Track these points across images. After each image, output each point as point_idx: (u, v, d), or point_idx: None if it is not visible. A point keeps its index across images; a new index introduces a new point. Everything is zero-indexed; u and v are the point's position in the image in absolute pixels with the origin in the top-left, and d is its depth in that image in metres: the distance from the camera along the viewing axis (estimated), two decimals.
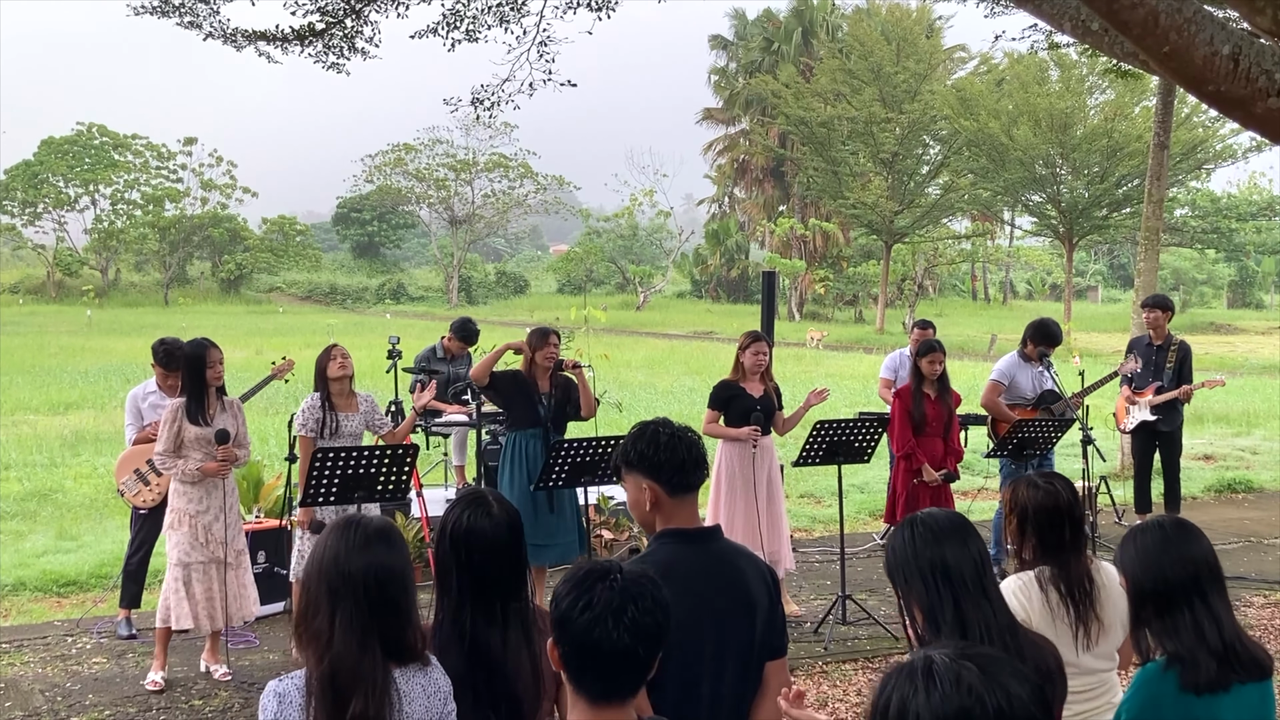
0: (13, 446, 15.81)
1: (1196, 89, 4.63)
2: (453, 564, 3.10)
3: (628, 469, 3.27)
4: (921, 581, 2.89)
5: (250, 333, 39.29)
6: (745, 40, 66.98)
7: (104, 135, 67.49)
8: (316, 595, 2.77)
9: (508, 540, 3.13)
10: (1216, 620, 3.03)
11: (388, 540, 2.86)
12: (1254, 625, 8.13)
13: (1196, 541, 3.14)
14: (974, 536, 2.97)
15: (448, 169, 68.49)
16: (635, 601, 2.33)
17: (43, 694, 6.78)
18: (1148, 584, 3.09)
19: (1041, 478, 3.78)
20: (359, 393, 7.59)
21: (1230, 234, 56.16)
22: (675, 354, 34.27)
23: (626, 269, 68.52)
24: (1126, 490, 11.86)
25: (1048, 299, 74.09)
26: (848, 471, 8.91)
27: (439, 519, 3.27)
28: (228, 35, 10.21)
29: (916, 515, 3.02)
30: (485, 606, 3.08)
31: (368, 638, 2.74)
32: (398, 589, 2.82)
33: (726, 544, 3.32)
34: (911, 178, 48.05)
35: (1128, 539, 3.22)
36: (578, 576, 2.40)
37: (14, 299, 61.15)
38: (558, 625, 2.36)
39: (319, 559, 2.80)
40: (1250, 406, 21.38)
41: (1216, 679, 2.98)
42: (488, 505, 3.15)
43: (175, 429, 6.78)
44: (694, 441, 3.26)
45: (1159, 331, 10.53)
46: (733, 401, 8.16)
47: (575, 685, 2.37)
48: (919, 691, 1.80)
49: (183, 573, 6.84)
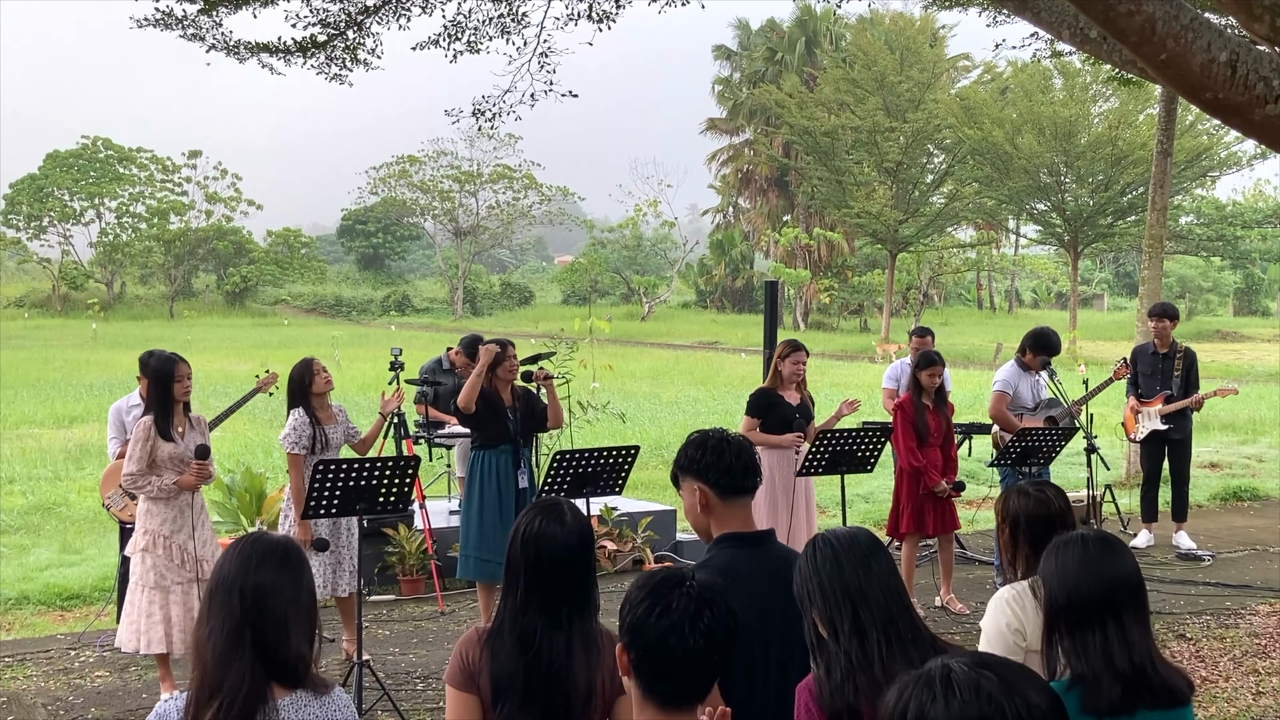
0: (17, 460, 15.83)
1: (1194, 96, 4.62)
2: (521, 566, 3.10)
3: (681, 474, 3.38)
4: (821, 594, 2.90)
5: (255, 345, 39.34)
6: (749, 50, 67.00)
7: (109, 148, 67.58)
8: (205, 608, 2.77)
9: (577, 549, 3.13)
10: (1128, 642, 2.92)
11: (281, 559, 2.83)
12: (1259, 634, 8.09)
13: (1119, 559, 3.03)
14: (876, 549, 2.98)
15: (452, 180, 68.53)
16: (710, 608, 2.37)
17: (45, 708, 6.78)
18: (1061, 599, 3.01)
19: (1033, 486, 3.77)
20: (332, 404, 7.63)
21: (1235, 241, 56.00)
22: (680, 364, 34.25)
23: (631, 279, 68.52)
24: (1131, 499, 11.83)
25: (1053, 307, 74.01)
26: (852, 481, 8.91)
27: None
28: (231, 47, 10.22)
29: (817, 535, 3.04)
30: (551, 612, 3.08)
31: (237, 647, 2.69)
32: (281, 604, 2.77)
33: (781, 547, 3.43)
34: (916, 187, 48.02)
35: (1050, 551, 3.13)
36: (653, 584, 2.43)
37: (19, 313, 61.23)
38: (631, 631, 2.38)
39: (215, 573, 2.81)
40: (1256, 414, 21.33)
41: (1120, 703, 2.88)
42: (561, 512, 3.16)
43: (148, 447, 6.64)
44: (744, 448, 3.34)
45: (1164, 340, 10.52)
46: (771, 409, 8.23)
47: (646, 691, 2.39)
48: (937, 700, 1.79)
49: (160, 595, 6.69)
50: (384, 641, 8.04)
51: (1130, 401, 10.78)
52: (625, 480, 7.69)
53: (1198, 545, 10.61)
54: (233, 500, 10.33)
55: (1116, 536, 3.18)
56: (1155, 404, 10.48)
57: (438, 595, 8.93)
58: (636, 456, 7.66)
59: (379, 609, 8.75)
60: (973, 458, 12.24)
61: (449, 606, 8.86)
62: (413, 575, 9.16)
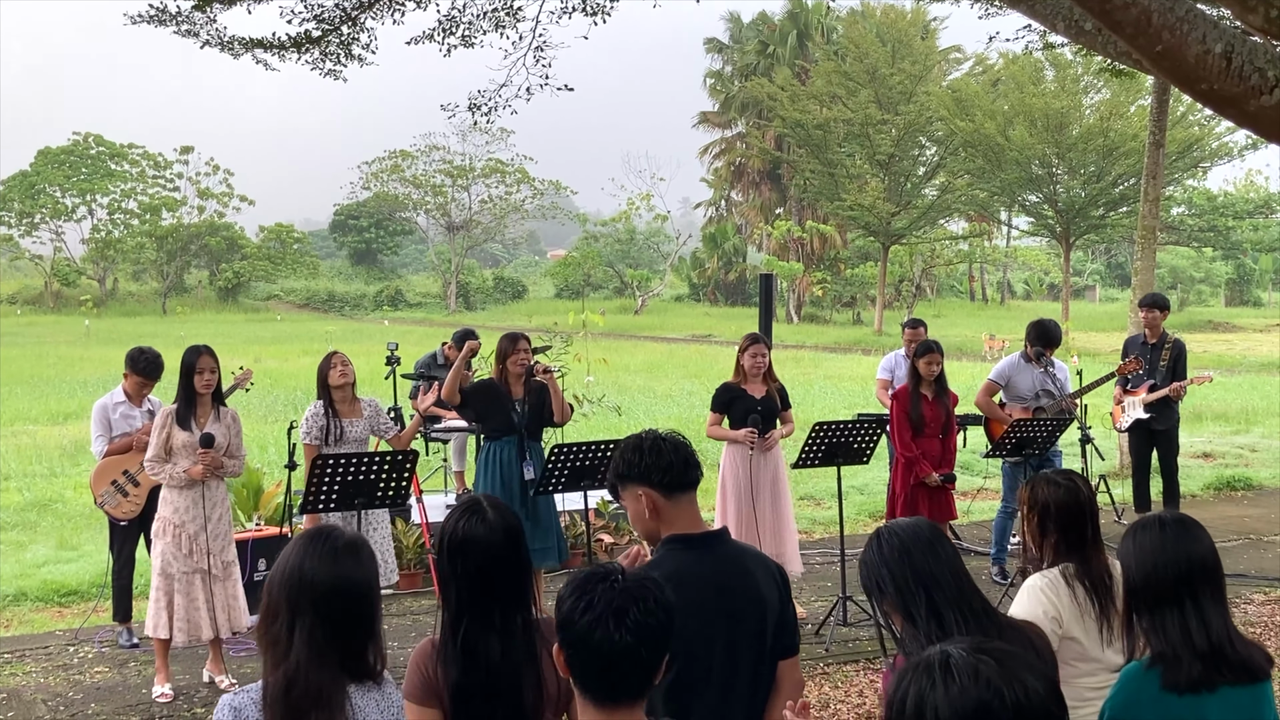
0: (12, 457, 15.81)
1: (1190, 87, 4.64)
2: (450, 574, 3.06)
3: (623, 483, 3.28)
4: (894, 585, 2.93)
5: (249, 341, 39.28)
6: (741, 44, 66.96)
7: (100, 145, 67.38)
8: (277, 601, 2.74)
9: (504, 546, 3.07)
10: (1205, 621, 2.99)
11: (356, 554, 2.82)
12: (1254, 622, 8.14)
13: (1195, 540, 3.09)
14: (938, 536, 3.01)
15: (444, 175, 68.43)
16: (637, 602, 2.33)
17: (45, 704, 6.79)
18: (1139, 580, 3.07)
19: (1060, 475, 3.84)
20: (363, 398, 7.60)
21: (1227, 232, 56.14)
22: (674, 357, 34.25)
23: (624, 273, 68.46)
24: (1126, 489, 11.87)
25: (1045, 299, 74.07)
26: (847, 473, 8.92)
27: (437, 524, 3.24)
28: (224, 43, 10.22)
29: (881, 528, 3.06)
30: (483, 616, 3.04)
31: (327, 653, 2.70)
32: (363, 605, 2.79)
33: (734, 545, 3.33)
34: (908, 179, 48.04)
35: (1129, 533, 3.21)
36: (579, 579, 2.39)
37: (12, 309, 61.08)
38: (561, 628, 2.36)
39: (284, 567, 2.77)
40: (1249, 404, 21.38)
41: (1200, 680, 2.94)
42: (482, 512, 3.10)
43: (165, 435, 6.79)
44: (680, 443, 3.27)
45: (1154, 330, 10.56)
46: (734, 403, 8.20)
47: (581, 688, 2.37)
48: (937, 686, 1.81)
49: (164, 583, 6.81)
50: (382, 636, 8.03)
51: (1116, 392, 10.83)
52: None
53: None
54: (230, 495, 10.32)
55: (1192, 518, 3.21)
56: (1139, 394, 10.52)
57: (436, 589, 8.92)
58: None
59: None
60: (967, 449, 12.26)
61: None
62: (410, 569, 9.17)
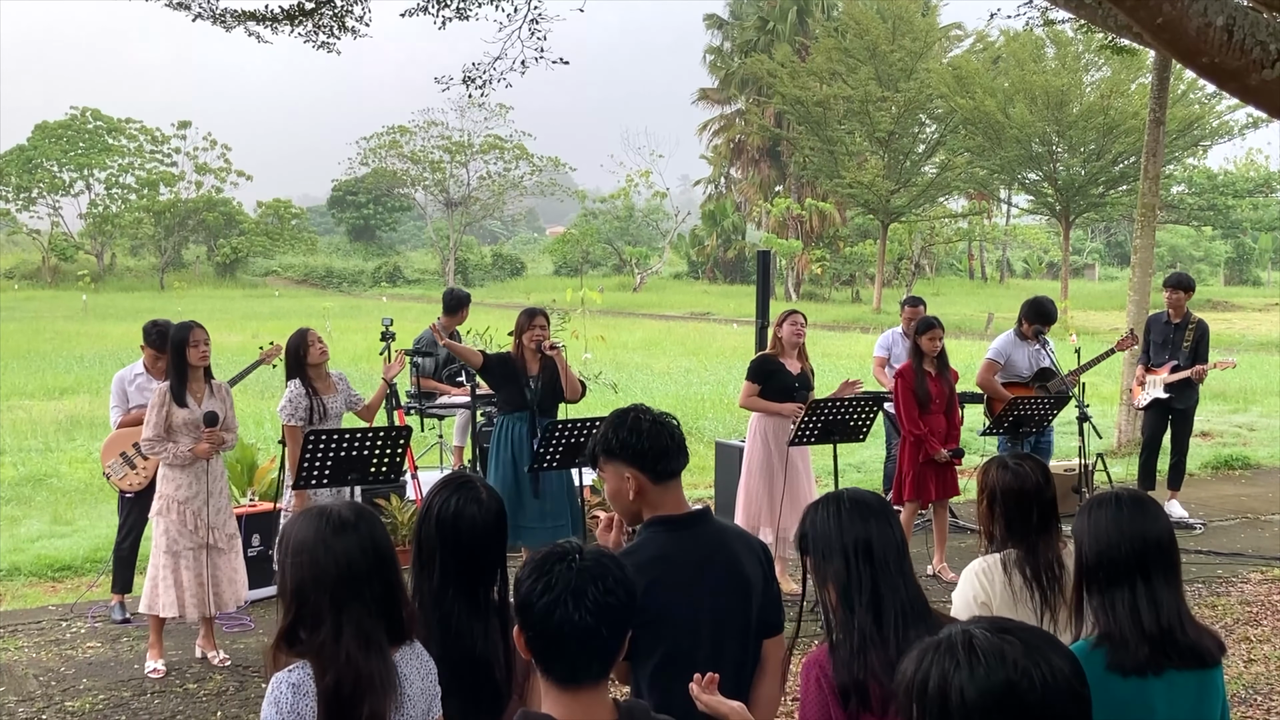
0: (8, 432, 15.78)
1: (1190, 61, 4.59)
2: (437, 547, 3.03)
3: (608, 458, 3.20)
4: (842, 558, 2.86)
5: (246, 316, 39.21)
6: (741, 20, 66.71)
7: (98, 119, 67.12)
8: (316, 606, 2.65)
9: (495, 527, 3.08)
10: (1156, 603, 2.91)
11: (370, 519, 2.76)
12: (1251, 601, 8.12)
13: (1152, 519, 3.02)
14: (896, 522, 2.95)
15: (443, 151, 68.19)
16: (596, 582, 2.30)
17: (37, 679, 6.77)
18: (1092, 557, 2.99)
19: (1013, 459, 3.74)
20: (332, 372, 7.60)
21: (1227, 211, 56.03)
22: (672, 335, 34.23)
23: (623, 250, 68.37)
24: (1124, 467, 11.85)
25: (1045, 277, 74.02)
26: (844, 450, 8.89)
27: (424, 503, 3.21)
28: (216, 15, 10.14)
29: (842, 492, 2.98)
30: (468, 594, 3.03)
31: (376, 633, 2.66)
32: (393, 567, 2.75)
33: (716, 525, 3.29)
34: (908, 157, 47.89)
35: (1084, 509, 3.11)
36: (537, 560, 2.36)
37: (9, 284, 60.95)
38: (521, 610, 2.33)
39: (310, 561, 2.67)
40: (1248, 383, 21.36)
41: (1146, 663, 2.87)
42: (476, 491, 3.09)
43: (164, 413, 6.74)
44: (675, 427, 3.22)
45: (1178, 310, 10.55)
46: (772, 376, 8.21)
47: (543, 670, 2.34)
48: (961, 667, 1.77)
49: (171, 560, 6.79)
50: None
51: (1139, 370, 10.83)
52: None
53: (1189, 514, 10.65)
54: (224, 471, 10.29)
55: (1150, 497, 3.13)
56: (1161, 373, 10.51)
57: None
58: None
59: None
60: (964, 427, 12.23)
61: None
62: (405, 545, 9.13)
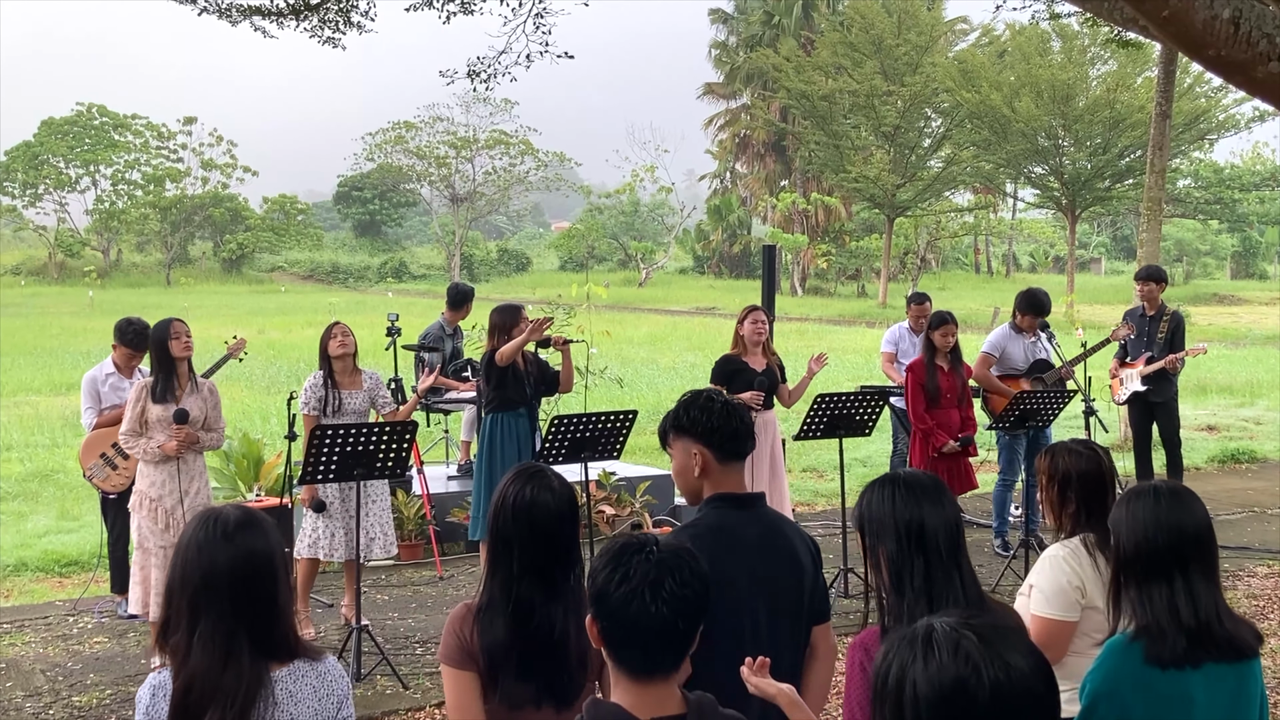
0: (15, 427, 15.82)
1: (1197, 54, 4.58)
2: (514, 537, 3.04)
3: (678, 434, 3.27)
4: (895, 541, 2.85)
5: (253, 312, 39.28)
6: (746, 14, 66.53)
7: (104, 115, 67.19)
8: (178, 607, 2.62)
9: (569, 515, 3.10)
10: (1193, 595, 2.90)
11: (254, 528, 2.69)
12: (1257, 595, 8.12)
13: (1189, 511, 2.99)
14: (951, 502, 2.93)
15: (448, 146, 68.09)
16: (673, 574, 2.29)
17: (44, 674, 6.79)
18: (1130, 549, 2.99)
19: (1081, 444, 3.80)
20: (364, 370, 7.56)
21: (1233, 204, 55.90)
22: (677, 330, 34.22)
23: (628, 245, 68.32)
24: (1127, 461, 11.82)
25: (1051, 271, 73.87)
26: (850, 445, 8.90)
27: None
28: (222, 10, 10.14)
29: (898, 473, 2.98)
30: (544, 581, 3.05)
31: (234, 644, 2.59)
32: (268, 582, 2.66)
33: (772, 511, 3.37)
34: (913, 151, 47.82)
35: (1121, 501, 3.13)
36: (614, 550, 2.35)
37: (16, 280, 61.04)
38: (596, 600, 2.33)
39: (182, 562, 2.63)
40: (1254, 377, 21.33)
41: (1184, 655, 2.86)
42: (548, 479, 3.12)
43: (139, 409, 6.70)
44: (744, 413, 3.29)
45: (1152, 302, 10.49)
46: (736, 376, 8.17)
47: (616, 661, 2.33)
48: (917, 659, 1.77)
49: (142, 557, 6.77)
50: (383, 606, 8.04)
51: (1113, 364, 10.77)
52: (623, 445, 7.70)
53: None
54: (230, 466, 10.32)
55: (1188, 488, 3.11)
56: (1136, 366, 10.46)
57: (436, 560, 8.93)
58: (634, 421, 7.66)
59: (377, 574, 8.75)
60: None
61: (447, 571, 8.86)
62: (411, 540, 9.15)
